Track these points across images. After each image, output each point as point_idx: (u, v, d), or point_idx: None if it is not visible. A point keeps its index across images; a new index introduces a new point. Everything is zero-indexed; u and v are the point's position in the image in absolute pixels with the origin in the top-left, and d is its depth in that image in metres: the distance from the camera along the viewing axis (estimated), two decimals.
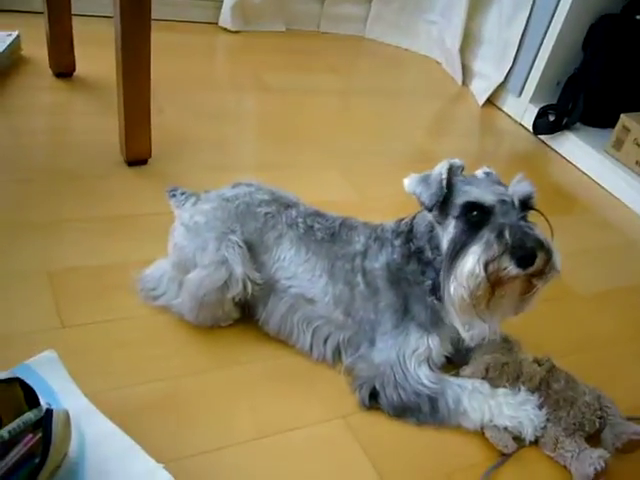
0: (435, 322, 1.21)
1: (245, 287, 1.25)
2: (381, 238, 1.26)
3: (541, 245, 1.05)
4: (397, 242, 1.24)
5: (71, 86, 2.10)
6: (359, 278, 1.25)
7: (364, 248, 1.26)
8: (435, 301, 1.19)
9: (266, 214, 1.29)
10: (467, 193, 1.11)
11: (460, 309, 1.10)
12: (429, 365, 1.22)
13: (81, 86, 2.11)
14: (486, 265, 1.04)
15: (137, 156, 1.76)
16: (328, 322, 1.28)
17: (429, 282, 1.20)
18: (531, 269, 1.05)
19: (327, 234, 1.28)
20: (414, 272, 1.21)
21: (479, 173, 1.19)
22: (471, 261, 1.06)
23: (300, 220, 1.29)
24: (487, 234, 1.06)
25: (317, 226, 1.29)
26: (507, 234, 1.04)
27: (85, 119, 1.97)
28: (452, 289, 1.09)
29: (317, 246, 1.27)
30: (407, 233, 1.23)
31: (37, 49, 2.13)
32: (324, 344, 1.29)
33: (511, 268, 1.04)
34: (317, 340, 1.29)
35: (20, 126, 1.84)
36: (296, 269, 1.27)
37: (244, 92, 2.42)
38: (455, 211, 1.12)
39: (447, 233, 1.14)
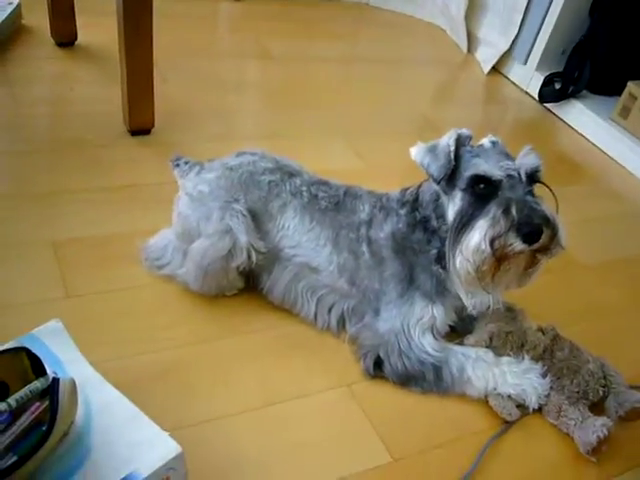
0: (440, 291, 1.21)
1: (249, 256, 1.25)
2: (386, 207, 1.26)
3: (547, 221, 1.05)
4: (402, 211, 1.23)
5: (73, 55, 2.08)
6: (364, 247, 1.25)
7: (369, 217, 1.26)
8: (440, 270, 1.19)
9: (270, 182, 1.28)
10: (475, 166, 1.10)
11: (465, 281, 1.11)
12: (433, 334, 1.22)
13: (83, 55, 2.09)
14: (492, 241, 1.04)
15: (140, 126, 1.75)
16: (332, 291, 1.29)
17: (434, 251, 1.19)
18: (536, 245, 1.05)
19: (331, 203, 1.28)
20: (419, 241, 1.21)
21: (485, 142, 1.18)
22: (477, 236, 1.06)
23: (304, 189, 1.29)
24: (494, 209, 1.05)
25: (321, 195, 1.28)
26: (514, 210, 1.04)
27: (87, 89, 1.95)
28: (457, 262, 1.09)
29: (321, 215, 1.27)
30: (412, 202, 1.23)
31: (38, 18, 2.10)
32: (328, 313, 1.29)
33: (517, 244, 1.04)
34: (321, 309, 1.29)
35: (22, 96, 1.82)
36: (300, 238, 1.27)
37: (247, 60, 2.40)
38: (462, 183, 1.11)
39: (453, 204, 1.13)
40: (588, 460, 1.13)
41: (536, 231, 1.04)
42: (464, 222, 1.09)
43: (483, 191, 1.08)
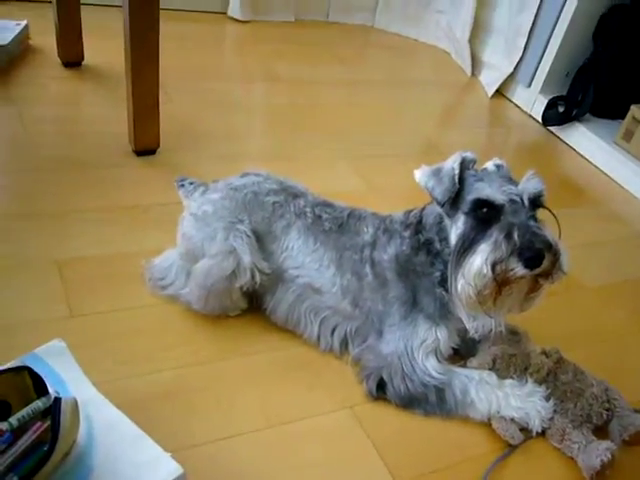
0: (443, 314, 1.21)
1: (253, 276, 1.25)
2: (390, 230, 1.26)
3: (549, 246, 1.05)
4: (406, 234, 1.23)
5: (80, 76, 2.10)
6: (367, 269, 1.25)
7: (372, 239, 1.26)
8: (444, 292, 1.19)
9: (274, 203, 1.29)
10: (478, 190, 1.11)
11: (467, 305, 1.11)
12: (437, 356, 1.22)
13: (90, 76, 2.11)
14: (494, 265, 1.04)
15: (146, 146, 1.76)
16: (336, 312, 1.29)
17: (438, 273, 1.19)
18: (538, 270, 1.05)
19: (335, 224, 1.28)
20: (423, 263, 1.21)
21: (489, 165, 1.19)
22: (479, 261, 1.06)
23: (308, 210, 1.29)
24: (496, 233, 1.06)
25: (325, 216, 1.29)
26: (516, 235, 1.04)
27: (94, 109, 1.97)
28: (459, 286, 1.09)
29: (325, 236, 1.27)
30: (416, 225, 1.23)
31: (46, 38, 2.13)
32: (331, 334, 1.29)
33: (518, 269, 1.04)
34: (324, 330, 1.29)
35: (28, 115, 1.84)
36: (304, 259, 1.27)
37: (253, 82, 2.42)
38: (465, 206, 1.11)
39: (456, 228, 1.14)
40: None
41: (538, 256, 1.04)
42: (466, 246, 1.09)
43: (485, 215, 1.09)
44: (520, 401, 1.18)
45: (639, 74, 2.40)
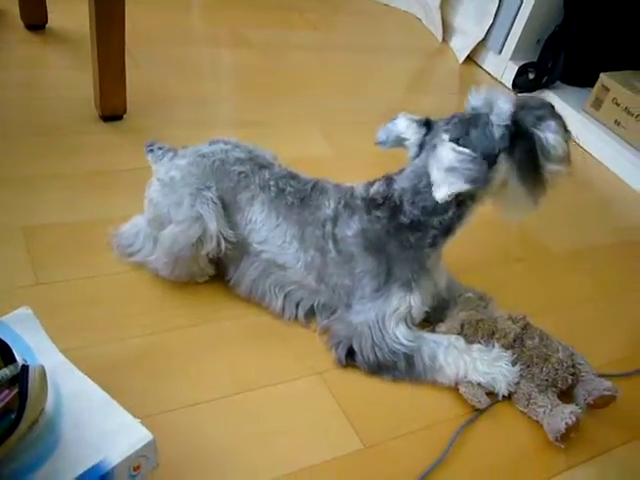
0: (420, 274, 1.21)
1: (219, 244, 1.24)
2: (351, 205, 1.23)
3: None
4: (379, 213, 1.20)
5: (43, 39, 2.04)
6: (330, 245, 1.23)
7: (334, 214, 1.23)
8: (436, 246, 1.20)
9: (240, 173, 1.27)
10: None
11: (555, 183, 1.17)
12: (407, 323, 1.22)
13: (54, 39, 2.06)
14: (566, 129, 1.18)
15: (112, 111, 1.73)
16: (301, 287, 1.28)
17: (429, 239, 1.18)
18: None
19: (297, 198, 1.26)
20: (408, 238, 1.18)
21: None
22: (551, 139, 1.13)
23: (272, 183, 1.26)
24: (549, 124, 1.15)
25: (288, 189, 1.26)
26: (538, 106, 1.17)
27: (59, 73, 1.93)
28: (547, 184, 1.16)
29: (287, 211, 1.25)
30: (392, 207, 1.19)
31: (7, 1, 2.06)
32: (296, 307, 1.29)
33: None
34: (289, 303, 1.29)
35: None
36: (267, 234, 1.26)
37: (222, 47, 2.38)
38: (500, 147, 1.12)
39: (499, 170, 1.14)
40: (557, 447, 1.15)
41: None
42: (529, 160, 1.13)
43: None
44: (487, 366, 1.19)
45: (609, 42, 2.41)
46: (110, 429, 0.82)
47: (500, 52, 2.59)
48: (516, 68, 2.50)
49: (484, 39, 2.64)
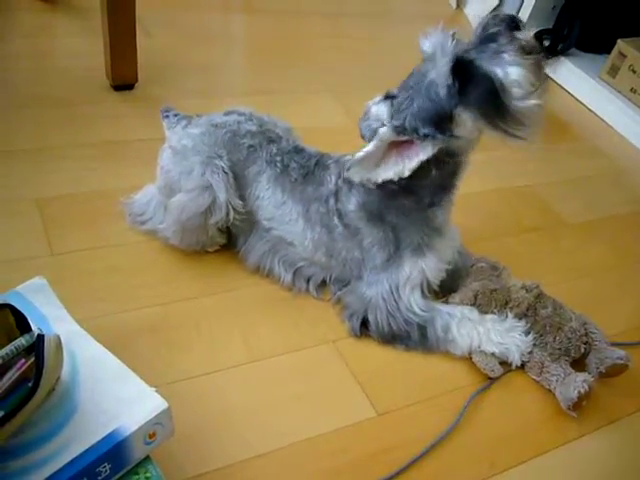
0: (430, 238, 1.19)
1: (228, 214, 1.24)
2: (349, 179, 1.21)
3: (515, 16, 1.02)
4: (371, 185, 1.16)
5: (53, 8, 2.03)
6: (336, 220, 1.22)
7: (335, 188, 1.22)
8: (439, 206, 1.16)
9: (249, 147, 1.26)
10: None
11: (538, 122, 1.01)
12: (422, 290, 1.22)
13: (64, 8, 2.04)
14: (526, 52, 1.00)
15: (124, 80, 1.72)
16: (312, 264, 1.28)
17: (427, 199, 1.15)
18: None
19: (301, 175, 1.24)
20: (404, 204, 1.17)
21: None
22: (514, 73, 0.98)
23: (278, 158, 1.25)
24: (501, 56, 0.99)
25: (293, 165, 1.25)
26: (492, 30, 1.00)
27: (69, 42, 1.92)
28: (524, 118, 0.99)
29: (292, 188, 1.24)
30: None
31: None
32: (307, 282, 1.29)
33: (528, 37, 1.01)
34: (299, 278, 1.29)
35: (1, 50, 1.78)
36: (275, 211, 1.26)
37: (234, 13, 2.36)
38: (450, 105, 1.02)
39: (469, 122, 1.03)
40: (569, 415, 1.15)
41: (515, 18, 1.02)
42: (492, 105, 0.99)
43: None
44: (500, 336, 1.19)
45: (626, 8, 2.36)
46: (126, 397, 0.83)
47: None
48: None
49: (499, 5, 2.59)
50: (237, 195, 1.25)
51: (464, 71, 0.99)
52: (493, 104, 0.99)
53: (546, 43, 2.21)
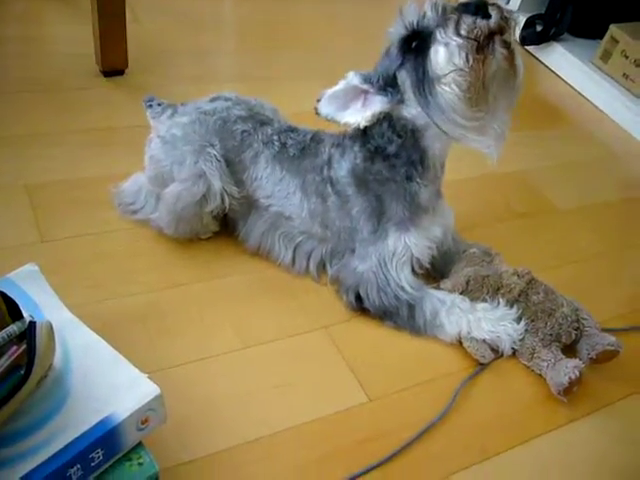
0: (414, 212, 1.20)
1: (223, 201, 1.24)
2: (342, 145, 1.24)
3: (482, 1, 0.99)
4: (356, 147, 1.21)
5: None
6: (329, 189, 1.24)
7: (328, 157, 1.24)
8: (417, 182, 1.18)
9: (243, 132, 1.26)
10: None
11: (460, 116, 1.02)
12: (412, 267, 1.23)
13: None
14: (457, 33, 0.98)
15: (113, 66, 1.71)
16: (310, 237, 1.29)
17: (402, 170, 1.17)
18: (493, 21, 0.98)
19: (298, 149, 1.26)
20: (381, 171, 1.18)
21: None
22: (441, 50, 1.00)
23: (275, 138, 1.26)
24: (437, 33, 1.01)
25: (290, 142, 1.26)
26: (448, 8, 1.01)
27: (59, 28, 1.91)
28: (442, 99, 1.01)
29: (290, 163, 1.26)
30: (362, 136, 1.19)
31: None
32: (307, 259, 1.30)
33: (478, 21, 0.97)
34: (299, 255, 1.30)
35: None
36: (273, 188, 1.26)
37: None
38: (395, 65, 1.10)
39: (407, 89, 1.08)
40: (559, 400, 1.16)
41: (480, 3, 0.98)
42: (422, 78, 1.04)
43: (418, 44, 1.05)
44: (492, 325, 1.19)
45: None
46: (118, 384, 0.83)
47: (507, 3, 2.54)
48: (523, 20, 2.45)
49: None
50: (232, 181, 1.25)
51: (416, 38, 1.05)
52: (422, 76, 1.04)
53: (538, 28, 2.20)
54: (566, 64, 2.36)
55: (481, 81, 1.01)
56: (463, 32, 0.98)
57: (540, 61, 2.44)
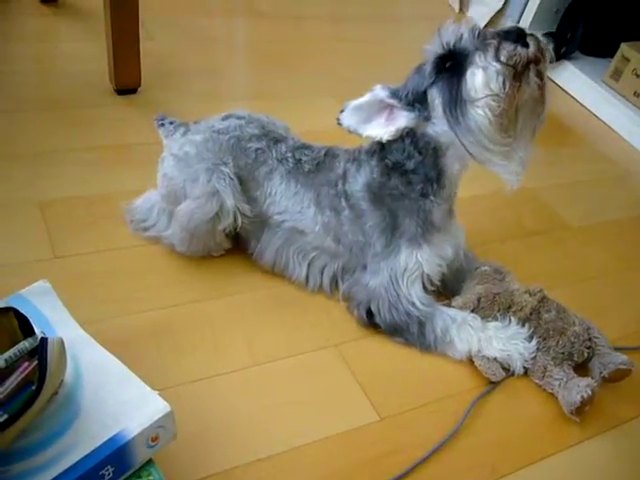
0: (427, 229, 1.20)
1: (235, 219, 1.24)
2: (358, 159, 1.24)
3: (522, 30, 1.01)
4: (373, 162, 1.21)
5: (56, 11, 2.04)
6: (343, 203, 1.24)
7: (343, 171, 1.25)
8: (431, 199, 1.18)
9: (257, 150, 1.27)
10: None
11: (489, 139, 1.04)
12: (423, 283, 1.23)
13: (67, 12, 2.05)
14: (497, 59, 0.99)
15: (126, 84, 1.72)
16: (323, 252, 1.29)
17: (418, 187, 1.18)
18: (532, 50, 1.00)
19: (313, 165, 1.27)
20: (397, 186, 1.19)
21: None
22: (480, 73, 1.01)
23: (289, 155, 1.27)
24: (476, 56, 1.02)
25: (304, 158, 1.27)
26: (489, 35, 1.02)
27: (73, 46, 1.92)
28: (473, 123, 1.02)
29: (305, 178, 1.26)
30: (380, 151, 1.20)
31: None
32: (321, 274, 1.30)
33: (518, 49, 0.99)
34: (313, 271, 1.30)
35: (4, 53, 1.79)
36: (287, 203, 1.27)
37: (236, 17, 2.36)
38: (427, 83, 1.09)
39: (436, 107, 1.09)
40: (571, 419, 1.15)
41: (521, 32, 1.00)
42: (455, 98, 1.04)
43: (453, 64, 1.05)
44: (503, 343, 1.19)
45: (629, 11, 2.36)
46: (129, 400, 0.83)
47: (518, 22, 2.55)
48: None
49: (502, 9, 2.60)
50: (245, 199, 1.26)
51: (451, 59, 1.05)
52: (456, 96, 1.04)
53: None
54: (577, 82, 2.37)
55: (514, 108, 1.03)
56: (503, 58, 0.99)
57: (551, 79, 2.45)
